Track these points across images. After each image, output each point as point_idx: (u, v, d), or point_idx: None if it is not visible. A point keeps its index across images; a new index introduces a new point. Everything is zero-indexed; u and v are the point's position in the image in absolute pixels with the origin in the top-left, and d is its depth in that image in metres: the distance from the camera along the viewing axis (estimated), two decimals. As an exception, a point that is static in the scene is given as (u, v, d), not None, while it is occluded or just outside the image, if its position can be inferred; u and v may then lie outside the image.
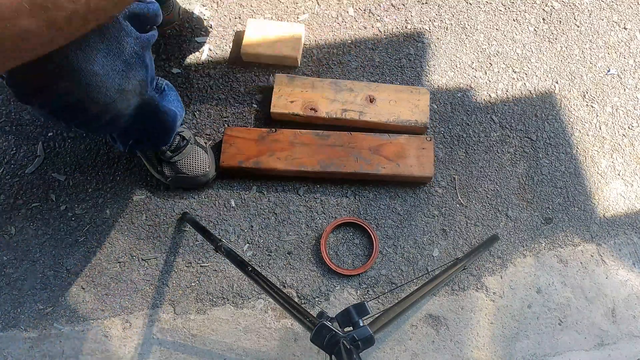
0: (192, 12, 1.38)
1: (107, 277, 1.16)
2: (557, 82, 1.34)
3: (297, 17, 1.39)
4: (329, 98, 1.24)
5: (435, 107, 1.30)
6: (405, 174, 1.19)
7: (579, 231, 1.21)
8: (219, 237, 1.14)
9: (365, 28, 1.38)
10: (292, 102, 1.24)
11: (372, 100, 1.24)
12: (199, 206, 1.21)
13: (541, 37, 1.38)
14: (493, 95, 1.32)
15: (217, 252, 1.06)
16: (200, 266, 1.17)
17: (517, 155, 1.27)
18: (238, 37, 1.36)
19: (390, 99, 1.24)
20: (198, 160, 1.17)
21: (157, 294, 1.15)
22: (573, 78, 1.35)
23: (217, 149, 1.24)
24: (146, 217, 1.20)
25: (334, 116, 1.23)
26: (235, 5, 1.40)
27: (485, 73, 1.34)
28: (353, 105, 1.24)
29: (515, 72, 1.35)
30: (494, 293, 1.16)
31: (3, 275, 1.16)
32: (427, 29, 1.38)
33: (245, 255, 1.17)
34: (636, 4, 1.43)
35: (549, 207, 1.23)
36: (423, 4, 1.41)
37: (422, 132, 1.25)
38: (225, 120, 1.28)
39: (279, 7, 1.40)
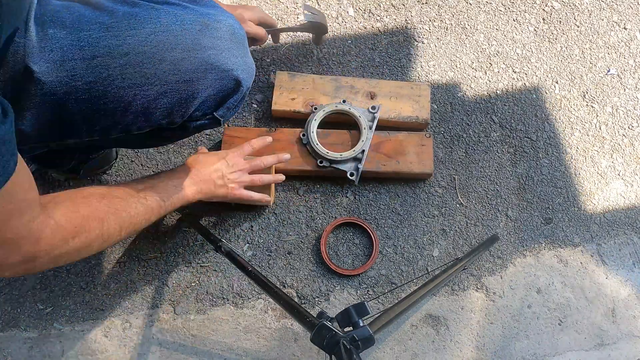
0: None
1: (107, 277, 1.16)
2: (557, 82, 1.34)
3: (297, 17, 1.39)
4: (330, 95, 1.24)
5: (435, 107, 1.30)
6: (405, 170, 1.18)
7: (579, 231, 1.21)
8: (219, 237, 1.14)
9: (365, 28, 1.38)
10: (293, 99, 1.24)
11: (372, 96, 1.24)
12: (199, 206, 1.21)
13: (541, 37, 1.38)
14: (493, 95, 1.32)
15: (217, 252, 1.06)
16: (200, 266, 1.17)
17: (517, 155, 1.27)
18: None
19: (391, 96, 1.24)
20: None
21: (157, 294, 1.15)
22: (573, 78, 1.35)
23: (216, 149, 1.24)
24: (146, 217, 1.20)
25: (335, 114, 1.23)
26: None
27: (485, 73, 1.34)
28: (354, 102, 1.23)
29: (515, 72, 1.35)
30: (494, 293, 1.16)
31: (3, 275, 1.16)
32: (427, 29, 1.38)
33: (245, 255, 1.17)
34: (636, 4, 1.43)
35: (549, 207, 1.23)
36: (423, 4, 1.41)
37: (423, 129, 1.25)
38: (225, 120, 1.28)
39: (279, 7, 1.40)
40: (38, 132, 0.74)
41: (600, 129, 1.30)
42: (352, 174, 1.13)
